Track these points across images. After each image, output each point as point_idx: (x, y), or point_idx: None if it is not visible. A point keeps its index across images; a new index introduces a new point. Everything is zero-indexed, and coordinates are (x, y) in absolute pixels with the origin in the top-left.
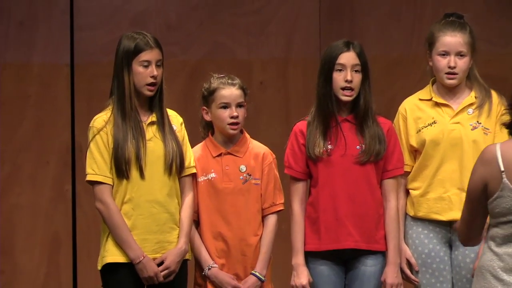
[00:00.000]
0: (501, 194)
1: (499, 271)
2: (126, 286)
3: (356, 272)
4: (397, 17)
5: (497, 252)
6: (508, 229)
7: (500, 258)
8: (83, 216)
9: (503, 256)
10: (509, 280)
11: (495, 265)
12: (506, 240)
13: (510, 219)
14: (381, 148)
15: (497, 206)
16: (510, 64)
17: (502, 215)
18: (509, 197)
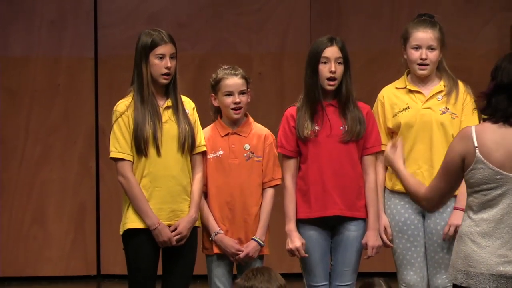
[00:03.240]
0: (475, 166)
1: (476, 236)
2: (144, 248)
3: (341, 237)
4: (378, 16)
5: (474, 219)
6: (481, 198)
7: (476, 223)
8: (105, 189)
9: (479, 222)
10: (484, 243)
11: (472, 230)
12: (480, 207)
13: (483, 188)
14: (361, 129)
15: (472, 177)
16: (475, 57)
17: (476, 185)
18: (482, 168)
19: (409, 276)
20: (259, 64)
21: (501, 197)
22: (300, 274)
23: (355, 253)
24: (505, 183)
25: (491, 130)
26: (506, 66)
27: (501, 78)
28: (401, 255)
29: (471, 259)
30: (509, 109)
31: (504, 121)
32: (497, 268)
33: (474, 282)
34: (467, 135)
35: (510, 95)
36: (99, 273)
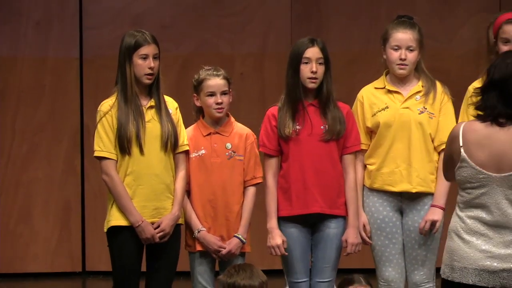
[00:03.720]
0: (461, 165)
1: (461, 231)
2: (128, 245)
3: (321, 234)
4: (357, 18)
5: (460, 216)
6: (466, 195)
7: (462, 220)
8: (90, 187)
9: (464, 219)
10: (469, 239)
11: (458, 226)
12: (466, 205)
13: (467, 187)
14: (341, 128)
15: (459, 175)
16: (452, 58)
17: (462, 183)
18: (466, 167)
19: (388, 272)
20: (241, 64)
21: (484, 196)
22: (281, 270)
23: (335, 250)
24: (488, 183)
25: (478, 128)
26: (499, 63)
27: (493, 74)
28: (379, 252)
29: (456, 253)
30: (497, 107)
31: (492, 120)
32: (480, 263)
33: (458, 275)
34: (455, 134)
35: (500, 92)
36: (84, 270)
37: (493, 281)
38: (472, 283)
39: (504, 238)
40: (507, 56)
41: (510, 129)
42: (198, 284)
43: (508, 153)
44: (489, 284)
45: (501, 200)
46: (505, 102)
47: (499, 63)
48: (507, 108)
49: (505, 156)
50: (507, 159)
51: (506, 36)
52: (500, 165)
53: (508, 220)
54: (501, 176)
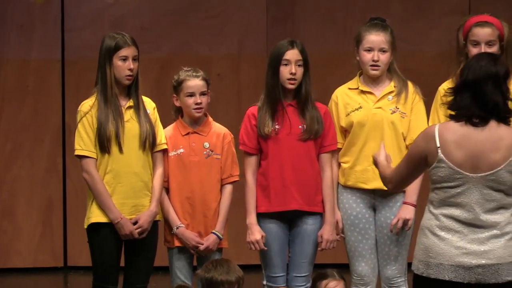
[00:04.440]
0: (437, 165)
1: (436, 228)
2: (108, 241)
3: (299, 230)
4: (331, 20)
5: (434, 213)
6: (442, 194)
7: (436, 217)
8: (71, 185)
9: (438, 216)
10: (444, 236)
11: (432, 223)
12: (441, 203)
13: (444, 186)
14: (319, 128)
15: (434, 174)
16: (423, 60)
17: (438, 182)
18: (443, 167)
19: (361, 267)
20: (218, 66)
21: (460, 195)
22: (257, 265)
23: (312, 246)
24: (464, 182)
25: (454, 129)
26: (472, 64)
27: (467, 75)
28: (353, 247)
29: (431, 250)
30: (471, 108)
31: (466, 120)
32: (456, 259)
33: (434, 272)
34: (431, 134)
35: (474, 93)
36: (66, 265)
37: (469, 277)
38: (449, 279)
39: (478, 235)
40: (481, 58)
41: (485, 129)
42: (176, 279)
43: (484, 153)
44: (464, 280)
45: (477, 199)
46: (478, 103)
47: (473, 64)
48: (480, 110)
49: (481, 156)
50: (484, 159)
51: (475, 39)
52: (477, 165)
53: (483, 219)
54: (477, 176)
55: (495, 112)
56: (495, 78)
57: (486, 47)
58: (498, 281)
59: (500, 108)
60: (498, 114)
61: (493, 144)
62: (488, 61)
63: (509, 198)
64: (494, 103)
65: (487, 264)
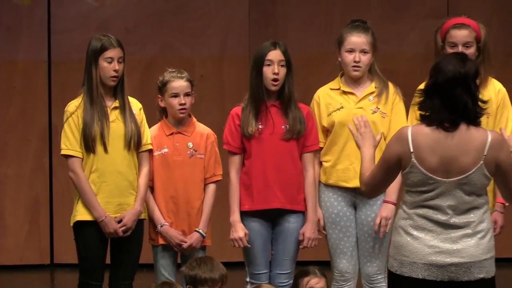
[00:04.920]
0: (411, 170)
1: (409, 228)
2: (93, 239)
3: (281, 228)
4: (312, 22)
5: (407, 212)
6: (415, 197)
7: (410, 217)
8: (58, 184)
9: (412, 215)
10: (417, 234)
11: (406, 222)
12: (414, 205)
13: (417, 190)
14: (302, 128)
15: (408, 179)
16: (402, 61)
17: (411, 186)
18: (416, 173)
19: (342, 264)
20: (201, 67)
21: (433, 198)
22: (240, 262)
23: (294, 244)
24: (437, 187)
25: (426, 134)
26: (442, 66)
27: (437, 77)
28: (334, 245)
29: (404, 249)
30: (442, 112)
31: (437, 125)
32: (429, 258)
33: (407, 270)
34: (404, 137)
35: (443, 96)
36: (52, 262)
37: (442, 275)
38: (422, 277)
39: (451, 235)
40: (450, 60)
41: (455, 133)
42: (161, 276)
43: (455, 158)
44: (437, 278)
45: (450, 203)
46: (449, 107)
47: (442, 67)
48: (450, 114)
49: (453, 161)
50: (455, 163)
51: (453, 40)
52: (449, 170)
53: (455, 220)
54: (450, 181)
55: (464, 115)
56: (464, 80)
57: (463, 48)
58: (471, 279)
59: (470, 110)
60: (467, 116)
61: (463, 148)
62: (457, 62)
63: (481, 199)
64: (463, 106)
65: (459, 262)
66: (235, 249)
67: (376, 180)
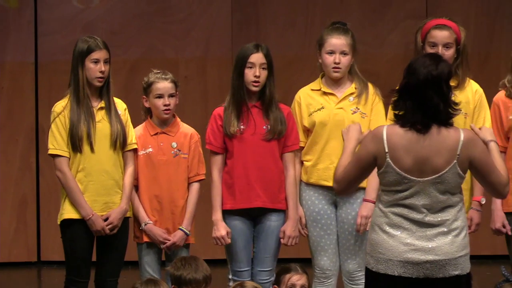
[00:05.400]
0: (386, 170)
1: (385, 226)
2: (80, 237)
3: (263, 226)
4: (293, 25)
5: (383, 210)
6: (391, 196)
7: (386, 215)
8: (45, 183)
9: (388, 214)
10: (392, 232)
11: (382, 220)
12: (390, 203)
13: (393, 189)
14: (283, 129)
15: (383, 178)
16: (382, 62)
17: (387, 185)
18: (391, 173)
19: (323, 261)
20: (185, 68)
21: (408, 197)
22: (223, 260)
23: (275, 242)
24: (412, 186)
25: (400, 135)
26: (416, 67)
27: (410, 78)
28: (315, 242)
29: (381, 246)
30: (415, 115)
31: (410, 126)
32: (405, 255)
33: (383, 267)
34: (379, 137)
35: (416, 98)
36: (40, 260)
37: (417, 272)
38: (398, 274)
39: (426, 233)
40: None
41: (427, 135)
42: (145, 273)
43: (429, 159)
44: (413, 275)
45: (425, 201)
46: (422, 110)
47: (416, 68)
48: (422, 116)
49: (426, 161)
50: (429, 163)
51: (433, 40)
52: (423, 170)
53: (430, 219)
54: (424, 180)
55: (436, 117)
56: (436, 82)
57: (443, 49)
58: (446, 276)
59: (441, 112)
60: (438, 118)
61: (435, 149)
62: (430, 63)
63: (455, 197)
64: (434, 108)
65: (434, 260)
66: (218, 246)
67: (349, 177)
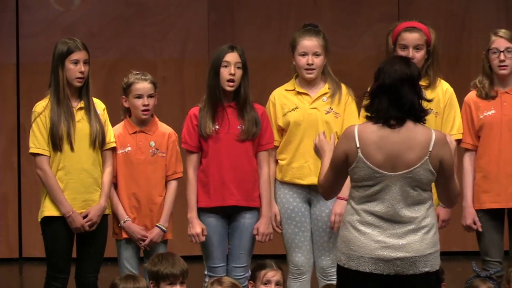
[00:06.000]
0: (357, 165)
1: (357, 223)
2: (60, 234)
3: (237, 224)
4: (268, 27)
5: (355, 208)
6: (362, 192)
7: (357, 213)
8: (26, 181)
9: (359, 211)
10: (364, 230)
11: (354, 218)
12: (361, 200)
13: (364, 184)
14: (257, 129)
15: (355, 174)
16: (354, 63)
17: (358, 181)
18: (363, 167)
19: (297, 258)
20: (162, 69)
21: (380, 192)
22: (199, 256)
23: (249, 238)
24: (383, 180)
25: (372, 131)
26: (388, 68)
27: (383, 79)
28: (290, 239)
29: (352, 243)
30: (389, 111)
31: (383, 123)
32: (376, 252)
33: (355, 264)
34: (351, 135)
35: (391, 96)
36: (21, 256)
37: (388, 269)
38: (369, 271)
39: (397, 230)
40: (394, 62)
41: (401, 130)
42: (124, 269)
43: (401, 154)
44: (384, 272)
45: (396, 196)
46: (395, 105)
47: (388, 69)
48: (397, 112)
49: (398, 156)
50: (401, 159)
51: (404, 43)
52: (395, 165)
53: (401, 214)
54: (396, 174)
55: (411, 112)
56: (410, 80)
57: (413, 51)
58: (416, 272)
59: (416, 108)
60: (414, 114)
61: (408, 144)
62: (401, 64)
63: (425, 194)
64: (410, 104)
65: (405, 257)
66: (195, 243)
67: (329, 181)
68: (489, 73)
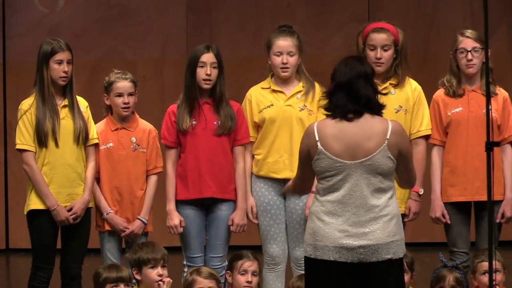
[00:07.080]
0: (318, 157)
1: (321, 214)
2: (45, 226)
3: (214, 215)
4: (243, 28)
5: (320, 200)
6: (325, 183)
7: (322, 204)
8: (12, 176)
9: (324, 202)
10: (328, 220)
11: (318, 209)
12: (325, 192)
13: (326, 175)
14: (232, 124)
15: (317, 166)
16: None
17: (321, 173)
18: (324, 158)
19: (272, 249)
20: (143, 68)
21: (342, 182)
22: (178, 247)
23: (225, 229)
24: (344, 169)
25: (331, 125)
26: (342, 68)
27: (339, 78)
28: (265, 231)
29: (317, 234)
30: (347, 105)
31: (341, 117)
32: (340, 241)
33: (320, 253)
34: (311, 131)
35: (348, 92)
36: (8, 247)
37: (352, 257)
38: (334, 259)
39: (359, 219)
40: (348, 61)
41: (359, 121)
42: (107, 259)
43: (360, 143)
44: (348, 260)
45: (357, 183)
46: (353, 100)
47: (342, 69)
48: (355, 105)
49: (357, 145)
50: (360, 148)
51: (372, 43)
52: (354, 154)
53: (363, 201)
54: (355, 163)
55: (368, 106)
56: (365, 76)
57: (382, 51)
58: (379, 260)
59: (373, 102)
60: (371, 108)
61: (366, 133)
62: (355, 62)
63: (387, 182)
64: (366, 98)
65: (367, 244)
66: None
67: (299, 179)
68: (456, 72)
